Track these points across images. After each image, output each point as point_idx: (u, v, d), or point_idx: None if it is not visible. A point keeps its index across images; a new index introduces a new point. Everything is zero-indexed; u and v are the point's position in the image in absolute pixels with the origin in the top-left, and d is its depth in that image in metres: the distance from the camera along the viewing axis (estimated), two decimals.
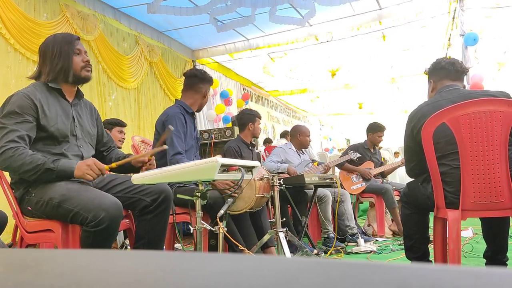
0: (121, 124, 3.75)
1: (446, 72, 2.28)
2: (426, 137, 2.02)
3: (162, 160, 2.64)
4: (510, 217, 2.11)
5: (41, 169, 1.77)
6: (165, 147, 2.05)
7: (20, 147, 1.78)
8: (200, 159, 2.17)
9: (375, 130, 4.82)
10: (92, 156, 2.10)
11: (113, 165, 1.95)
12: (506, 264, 2.33)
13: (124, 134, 3.76)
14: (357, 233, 3.87)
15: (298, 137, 4.32)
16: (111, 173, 2.21)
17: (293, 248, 3.22)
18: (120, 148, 3.10)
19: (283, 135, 7.87)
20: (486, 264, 2.36)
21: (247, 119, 3.89)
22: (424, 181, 2.22)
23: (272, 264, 0.31)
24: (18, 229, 2.04)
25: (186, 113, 2.82)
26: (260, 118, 3.94)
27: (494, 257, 2.30)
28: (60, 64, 1.94)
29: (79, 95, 2.09)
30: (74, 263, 0.36)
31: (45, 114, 1.89)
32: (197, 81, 2.90)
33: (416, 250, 2.30)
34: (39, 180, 1.82)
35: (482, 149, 1.92)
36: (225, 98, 8.02)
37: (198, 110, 2.98)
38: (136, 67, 5.64)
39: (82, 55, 1.99)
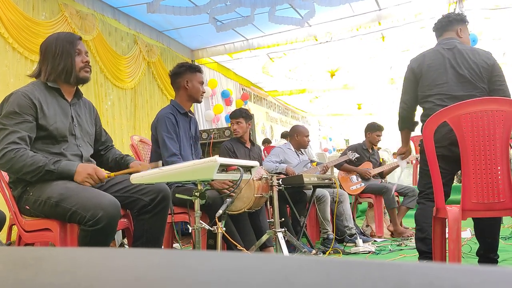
0: None
1: (436, 33, 2.69)
2: (427, 136, 2.03)
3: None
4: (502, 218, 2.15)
5: (42, 171, 1.79)
6: (160, 163, 2.16)
7: (21, 149, 1.79)
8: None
9: (373, 129, 4.80)
10: (90, 156, 2.10)
11: (112, 174, 1.99)
12: (497, 262, 2.43)
13: None
14: (355, 234, 3.87)
15: (296, 137, 4.31)
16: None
17: (292, 249, 3.22)
18: None
19: (284, 135, 7.86)
20: (478, 261, 2.46)
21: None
22: None
23: (271, 262, 0.31)
24: (14, 228, 2.03)
25: (178, 113, 2.79)
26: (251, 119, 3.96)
27: (486, 255, 2.38)
28: (62, 64, 1.94)
29: (78, 94, 2.09)
30: (74, 261, 0.36)
31: (44, 114, 1.88)
32: (174, 78, 2.86)
33: (429, 242, 2.31)
34: (39, 180, 1.83)
35: (484, 149, 1.93)
36: (226, 97, 8.01)
37: (197, 101, 2.90)
38: (133, 67, 5.61)
39: (82, 55, 1.99)
